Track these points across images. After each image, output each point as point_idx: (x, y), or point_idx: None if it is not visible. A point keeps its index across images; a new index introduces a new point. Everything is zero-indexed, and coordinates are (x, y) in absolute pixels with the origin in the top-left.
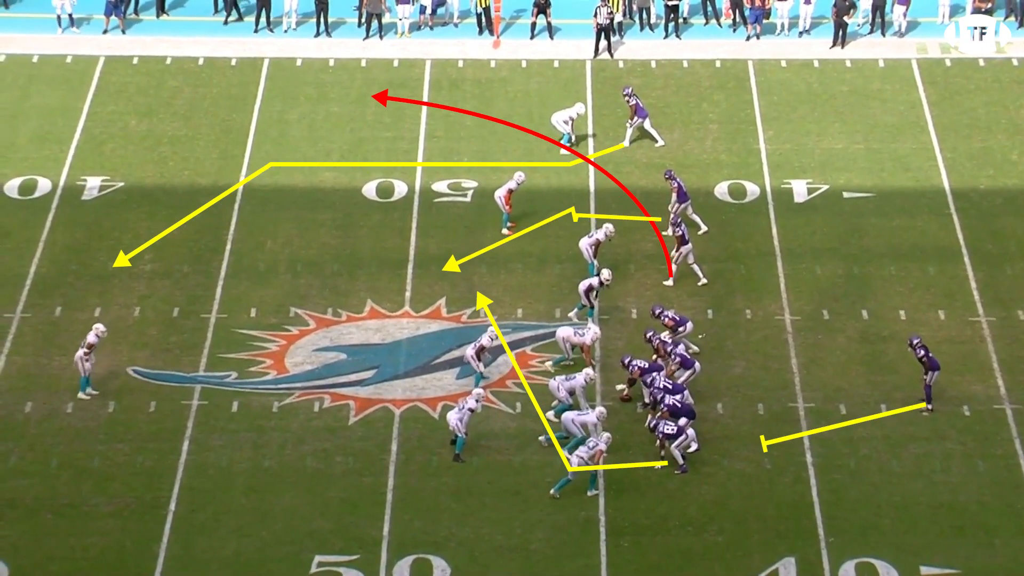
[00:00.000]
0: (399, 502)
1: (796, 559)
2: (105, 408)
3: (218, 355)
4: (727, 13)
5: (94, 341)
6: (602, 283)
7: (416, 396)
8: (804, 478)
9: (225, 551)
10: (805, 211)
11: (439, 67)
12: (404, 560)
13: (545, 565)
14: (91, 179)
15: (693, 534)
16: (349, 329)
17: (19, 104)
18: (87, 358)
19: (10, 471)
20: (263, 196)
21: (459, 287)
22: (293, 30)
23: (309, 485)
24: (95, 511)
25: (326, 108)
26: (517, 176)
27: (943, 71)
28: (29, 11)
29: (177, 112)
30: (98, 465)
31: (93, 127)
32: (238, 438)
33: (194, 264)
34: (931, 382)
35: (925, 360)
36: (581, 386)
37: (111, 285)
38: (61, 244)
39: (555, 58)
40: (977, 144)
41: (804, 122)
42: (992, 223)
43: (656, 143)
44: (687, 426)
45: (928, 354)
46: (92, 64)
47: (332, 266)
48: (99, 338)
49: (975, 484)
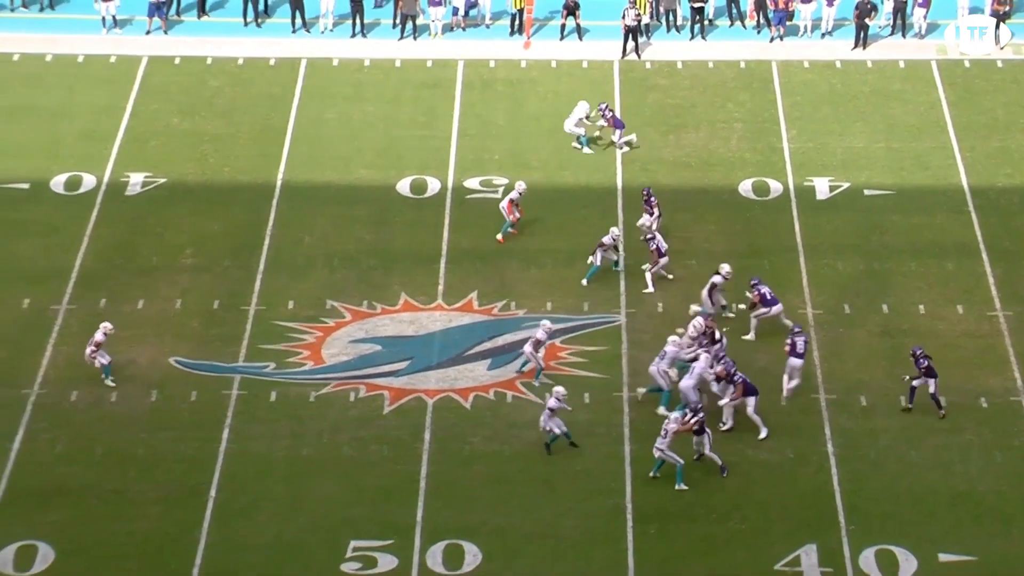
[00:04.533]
0: (432, 489)
1: (817, 546)
2: (148, 397)
3: (257, 346)
4: (751, 15)
5: (101, 339)
6: (725, 278)
7: (448, 387)
8: (826, 468)
9: (264, 536)
10: (827, 208)
11: (471, 67)
12: (437, 545)
13: (574, 551)
14: (134, 176)
15: (717, 522)
16: (384, 321)
17: (65, 103)
18: (94, 355)
19: (57, 458)
20: (300, 193)
21: (490, 281)
22: (330, 31)
23: (345, 473)
24: (139, 497)
25: (362, 107)
26: (519, 186)
27: (962, 72)
28: (74, 13)
29: (217, 111)
30: (142, 453)
31: (136, 125)
32: (276, 427)
33: (234, 258)
34: (933, 390)
35: (926, 369)
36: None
37: (154, 278)
38: (105, 239)
39: (584, 59)
40: (995, 143)
41: (826, 121)
42: (1010, 220)
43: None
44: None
45: (930, 363)
46: (135, 64)
47: (367, 260)
48: (106, 336)
49: (992, 474)
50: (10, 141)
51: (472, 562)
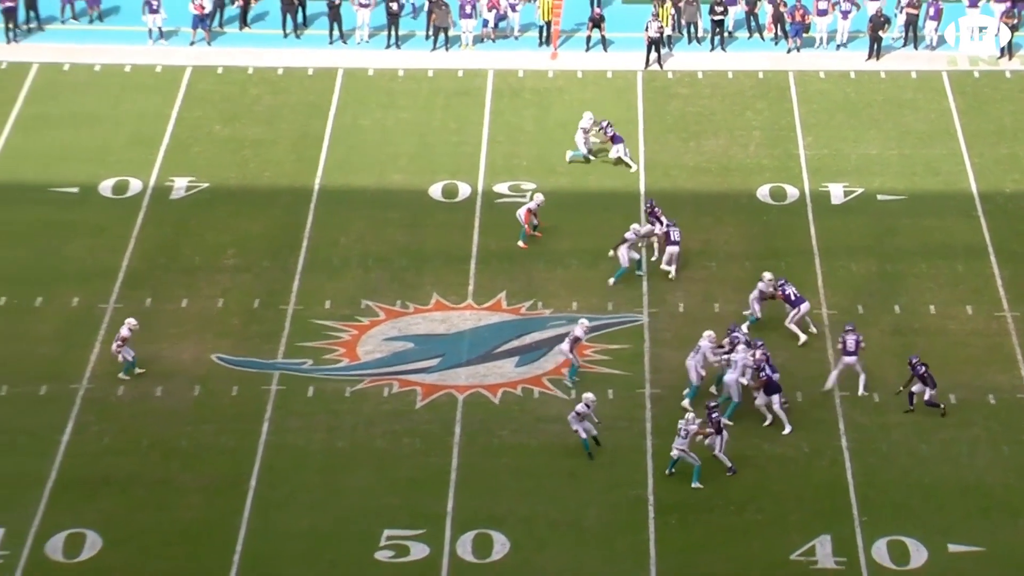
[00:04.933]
0: (462, 481)
1: (831, 537)
2: (191, 392)
3: (295, 344)
4: (769, 27)
5: (127, 335)
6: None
7: (478, 383)
8: (839, 461)
9: (301, 525)
10: (841, 212)
11: (500, 77)
12: (467, 535)
13: (598, 540)
14: (179, 180)
15: (735, 513)
16: (416, 320)
17: (113, 110)
18: (120, 350)
19: (104, 450)
20: (337, 196)
21: (518, 281)
22: (366, 42)
23: (379, 465)
24: (182, 487)
25: (396, 115)
26: (537, 198)
27: (972, 82)
28: (122, 24)
29: (258, 118)
30: (185, 445)
31: (181, 132)
32: (313, 421)
33: (273, 259)
34: (933, 398)
35: (926, 376)
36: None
37: (197, 278)
38: (151, 240)
39: (608, 69)
40: (1003, 150)
41: (841, 129)
42: (1017, 224)
43: (630, 168)
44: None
45: (927, 371)
46: (180, 73)
47: (400, 261)
48: (131, 332)
49: (1000, 468)
50: (60, 147)
51: (500, 551)
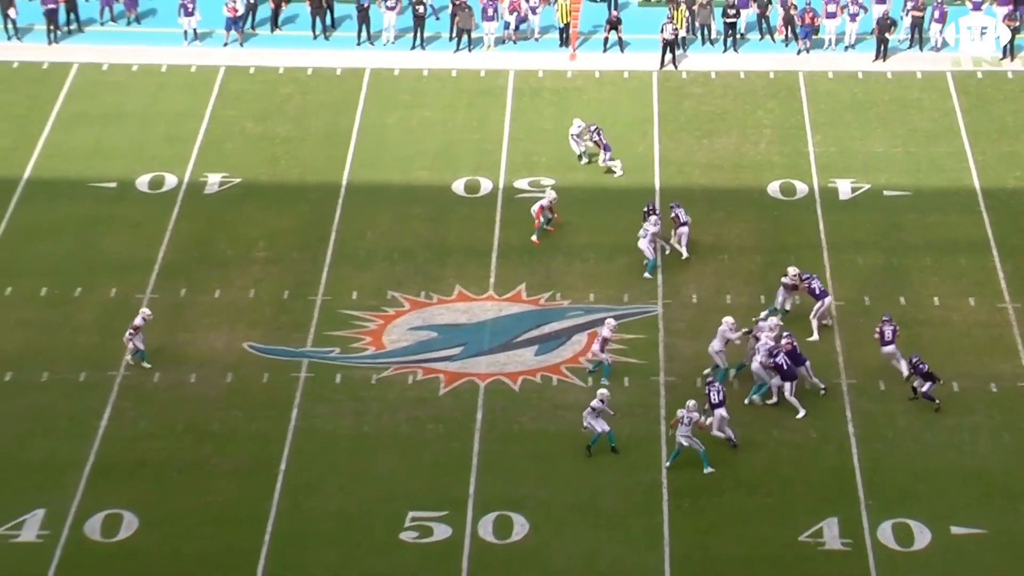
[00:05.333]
0: (483, 465)
1: (838, 519)
2: (224, 379)
3: (323, 333)
4: (780, 30)
5: (140, 324)
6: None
7: (499, 371)
8: (846, 447)
9: (329, 507)
10: (849, 208)
11: (521, 77)
12: (488, 516)
13: (614, 522)
14: (212, 176)
15: (746, 496)
16: (439, 310)
17: (149, 109)
18: (132, 338)
19: (140, 434)
20: (364, 192)
21: (537, 274)
22: (391, 43)
23: (403, 449)
24: (215, 470)
25: (420, 113)
26: (549, 194)
27: (975, 83)
28: (159, 27)
29: (288, 116)
30: (218, 429)
31: (214, 129)
32: (341, 407)
33: (302, 252)
34: (929, 391)
35: (928, 374)
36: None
37: (229, 270)
38: (185, 234)
39: (625, 70)
40: (1005, 148)
41: (849, 128)
42: (1019, 219)
43: (614, 174)
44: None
45: (929, 368)
46: (214, 73)
47: (424, 254)
48: (145, 321)
49: (1001, 454)
50: (99, 144)
51: (520, 532)
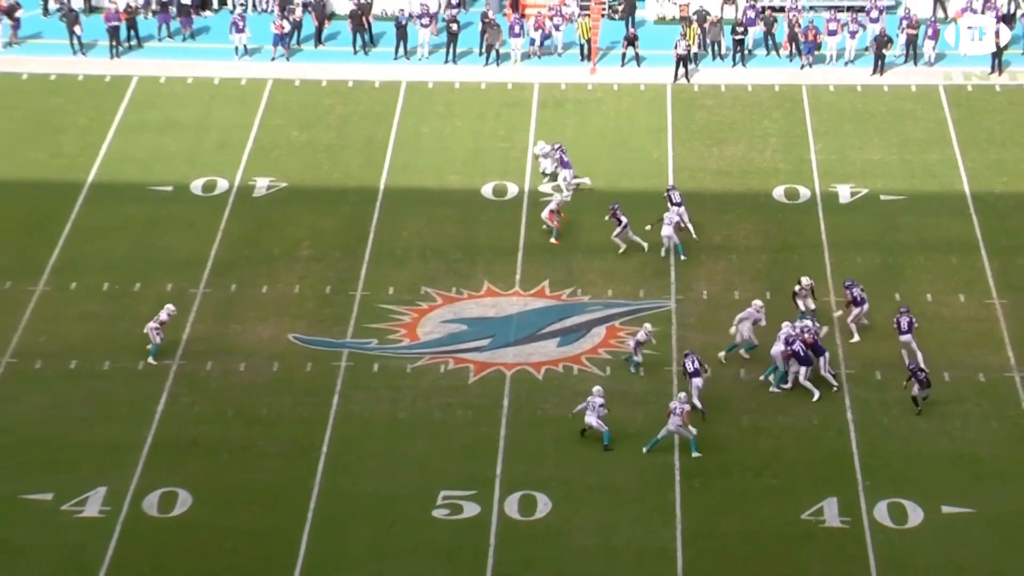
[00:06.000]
0: (509, 448)
1: (838, 499)
2: (271, 368)
3: (362, 325)
4: (785, 46)
5: (165, 319)
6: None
7: (524, 361)
8: (845, 433)
9: (367, 487)
10: (848, 211)
11: (545, 89)
12: (513, 495)
13: (629, 501)
14: (260, 180)
15: (752, 478)
16: (469, 305)
17: (203, 118)
18: (157, 332)
19: (194, 418)
20: (400, 195)
21: (560, 271)
22: (426, 58)
23: (436, 433)
24: (262, 452)
25: (452, 123)
26: (556, 198)
27: (965, 95)
28: (212, 43)
29: (330, 125)
30: (265, 414)
31: (262, 137)
32: (378, 394)
33: (343, 250)
34: (915, 392)
35: (924, 380)
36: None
37: (276, 267)
38: (235, 233)
39: (641, 83)
40: (993, 156)
41: (848, 137)
42: (1005, 221)
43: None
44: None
45: (927, 375)
46: (262, 85)
47: (455, 253)
48: (170, 316)
49: (989, 439)
50: (157, 151)
51: (543, 510)
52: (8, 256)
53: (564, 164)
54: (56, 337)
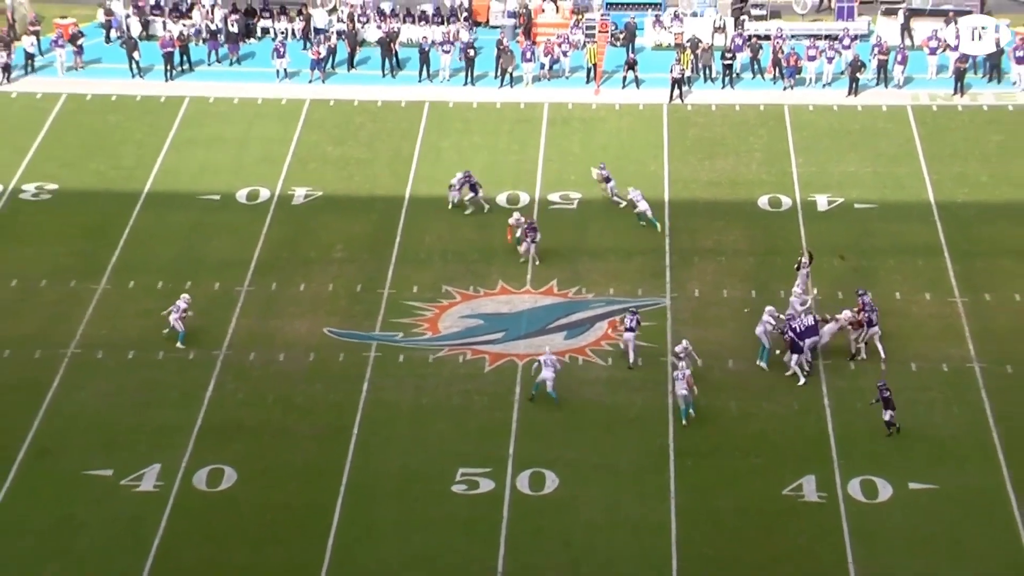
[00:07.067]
0: (521, 430)
1: (816, 477)
2: (307, 358)
3: (389, 320)
4: (769, 70)
5: (184, 306)
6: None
7: (535, 352)
8: (823, 417)
9: (393, 465)
10: (826, 218)
11: (554, 108)
12: (524, 472)
13: (629, 479)
14: (298, 189)
15: (740, 457)
16: (485, 302)
17: (247, 134)
18: (177, 320)
19: (238, 403)
20: (423, 203)
21: (567, 271)
22: (446, 80)
23: (455, 417)
24: (299, 434)
25: (470, 138)
26: (515, 215)
27: (931, 114)
28: (255, 67)
29: (361, 141)
30: (301, 400)
31: (300, 151)
32: (403, 382)
33: (372, 253)
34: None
35: (889, 399)
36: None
37: (312, 268)
38: (276, 237)
39: (640, 103)
40: (956, 169)
41: (826, 152)
42: (966, 228)
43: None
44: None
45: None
46: (300, 105)
47: (473, 255)
48: (187, 304)
49: (951, 423)
50: (206, 163)
51: (551, 486)
52: (74, 258)
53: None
54: (116, 330)
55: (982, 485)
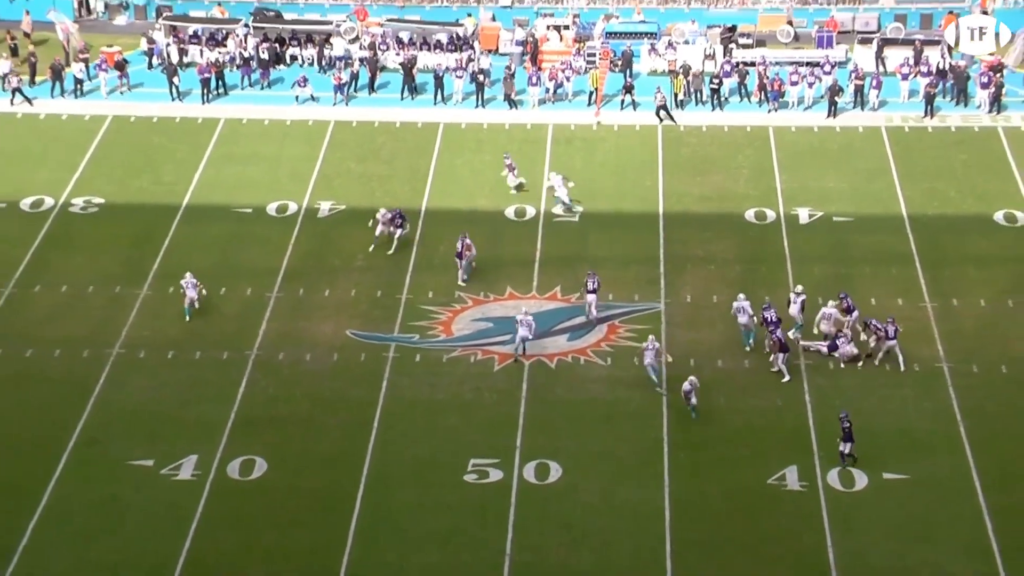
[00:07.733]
0: (528, 424)
1: (797, 467)
2: (331, 357)
3: (407, 323)
4: (755, 94)
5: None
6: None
7: (540, 352)
8: (804, 412)
9: (410, 455)
10: (807, 230)
11: (558, 129)
12: (531, 463)
13: (628, 468)
14: (324, 203)
15: (729, 449)
16: (494, 307)
17: (277, 153)
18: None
19: (269, 399)
20: (438, 216)
21: (570, 279)
22: (459, 103)
23: (467, 412)
24: (324, 426)
25: (481, 157)
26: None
27: (904, 135)
28: (285, 91)
29: (381, 159)
30: (327, 395)
31: (326, 168)
32: (419, 379)
33: (391, 261)
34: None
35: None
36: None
37: (336, 276)
38: (303, 247)
39: (637, 123)
40: (926, 185)
41: (807, 169)
42: (936, 239)
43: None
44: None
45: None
46: (325, 126)
47: (483, 263)
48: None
49: (923, 418)
50: (239, 179)
51: (555, 475)
52: (119, 265)
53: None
54: (157, 332)
55: (950, 475)
